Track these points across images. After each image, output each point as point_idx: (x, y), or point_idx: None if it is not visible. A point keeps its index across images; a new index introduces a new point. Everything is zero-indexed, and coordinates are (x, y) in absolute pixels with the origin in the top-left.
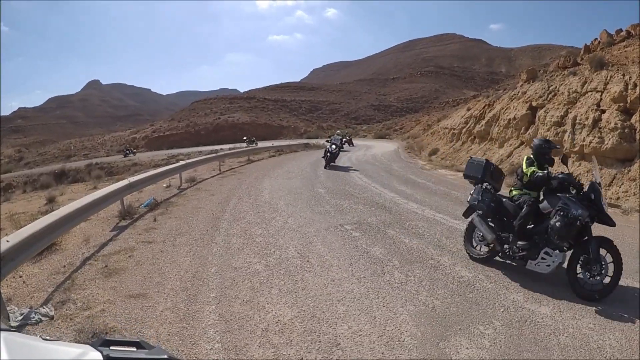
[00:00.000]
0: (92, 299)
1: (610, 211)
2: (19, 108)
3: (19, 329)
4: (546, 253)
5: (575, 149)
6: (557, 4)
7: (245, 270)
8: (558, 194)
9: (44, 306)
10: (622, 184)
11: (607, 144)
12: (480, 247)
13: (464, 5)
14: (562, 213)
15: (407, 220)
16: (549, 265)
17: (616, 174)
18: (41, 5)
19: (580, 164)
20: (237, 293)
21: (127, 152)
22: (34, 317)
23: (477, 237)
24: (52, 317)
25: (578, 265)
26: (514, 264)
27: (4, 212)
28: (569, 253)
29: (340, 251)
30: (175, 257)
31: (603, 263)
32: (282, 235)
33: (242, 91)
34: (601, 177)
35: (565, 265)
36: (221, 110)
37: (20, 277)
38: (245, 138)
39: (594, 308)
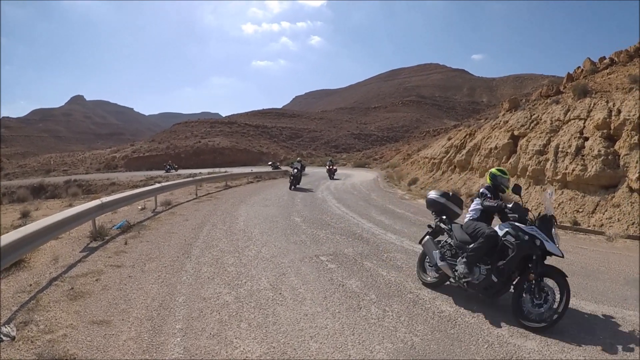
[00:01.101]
0: (55, 322)
1: (594, 238)
2: (3, 117)
3: None
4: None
5: (558, 177)
6: (539, 34)
7: (214, 301)
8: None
9: (6, 325)
10: (606, 210)
11: (590, 171)
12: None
13: (447, 36)
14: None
15: (385, 251)
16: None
17: (599, 201)
18: (31, 13)
19: (562, 192)
20: (204, 325)
21: (169, 167)
22: None
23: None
24: (13, 338)
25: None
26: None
27: None
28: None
29: (315, 284)
30: (143, 283)
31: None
32: (254, 265)
33: (223, 115)
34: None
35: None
36: (202, 134)
37: None
38: (270, 163)
39: (582, 341)
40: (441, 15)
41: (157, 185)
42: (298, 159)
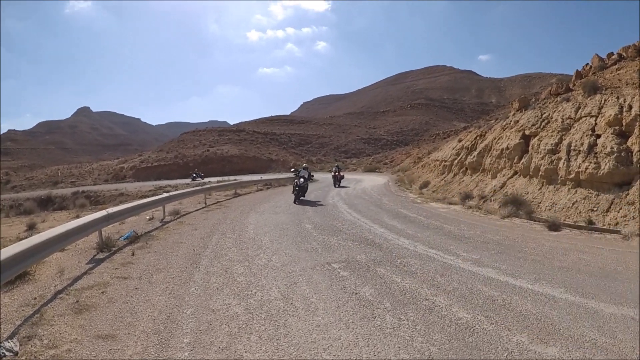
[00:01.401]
0: (59, 337)
1: (609, 237)
2: (9, 130)
3: None
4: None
5: (571, 176)
6: (544, 33)
7: (223, 313)
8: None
9: (9, 340)
10: (620, 208)
11: (604, 168)
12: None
13: (452, 38)
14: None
15: (399, 257)
16: None
17: (613, 199)
18: (31, 26)
19: (576, 191)
20: (213, 339)
21: (195, 175)
22: None
23: None
24: (16, 353)
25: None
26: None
27: None
28: None
29: (327, 292)
30: (150, 295)
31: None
32: (265, 275)
33: (231, 123)
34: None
35: None
36: (210, 142)
37: None
38: (292, 170)
39: (604, 346)
40: (444, 17)
41: (165, 194)
42: (304, 165)
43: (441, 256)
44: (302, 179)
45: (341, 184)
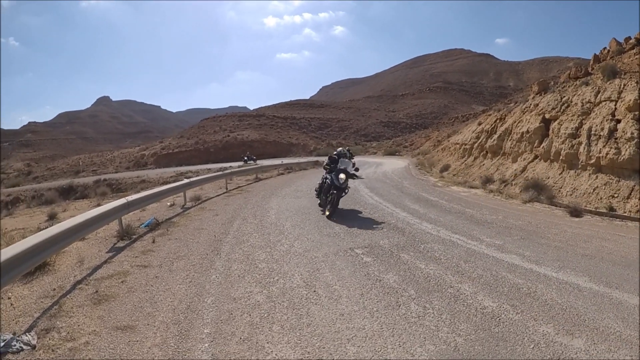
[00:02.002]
0: (78, 329)
1: (631, 225)
2: (29, 122)
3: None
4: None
5: (592, 161)
6: (561, 15)
7: (244, 301)
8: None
9: (27, 333)
10: None
11: (624, 154)
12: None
13: (470, 21)
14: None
15: (422, 242)
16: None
17: (634, 186)
18: (52, 22)
19: (597, 176)
20: (234, 329)
21: (247, 158)
22: (15, 345)
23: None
24: (34, 347)
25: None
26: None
27: (4, 227)
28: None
29: (351, 279)
30: (171, 284)
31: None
32: (287, 261)
33: (251, 109)
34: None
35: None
36: (230, 128)
37: (9, 298)
38: (335, 153)
39: (628, 338)
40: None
41: (186, 180)
42: (347, 148)
43: (464, 241)
44: (341, 175)
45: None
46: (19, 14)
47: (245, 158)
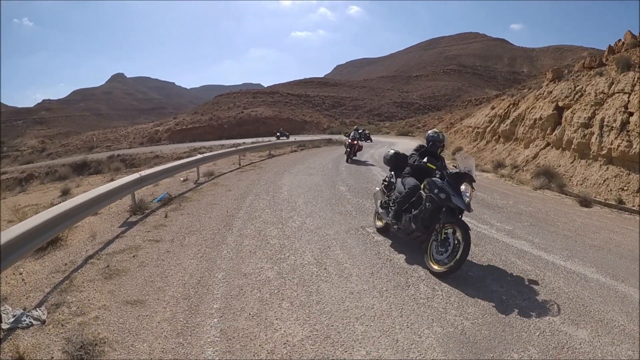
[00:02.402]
0: (88, 304)
1: (638, 218)
2: (43, 100)
3: (10, 331)
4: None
5: (603, 152)
6: (577, 4)
7: (255, 277)
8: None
9: (38, 309)
10: None
11: (636, 147)
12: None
13: (485, 5)
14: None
15: None
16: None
17: None
18: (65, 2)
19: (607, 168)
20: (243, 305)
21: (280, 134)
22: (25, 320)
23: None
24: (43, 322)
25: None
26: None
27: (17, 203)
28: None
29: (361, 258)
30: (182, 259)
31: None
32: (298, 238)
33: (265, 86)
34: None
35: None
36: (244, 105)
37: (20, 274)
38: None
39: (633, 333)
40: None
41: (199, 156)
42: (355, 127)
43: (475, 225)
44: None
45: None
46: None
47: (278, 134)
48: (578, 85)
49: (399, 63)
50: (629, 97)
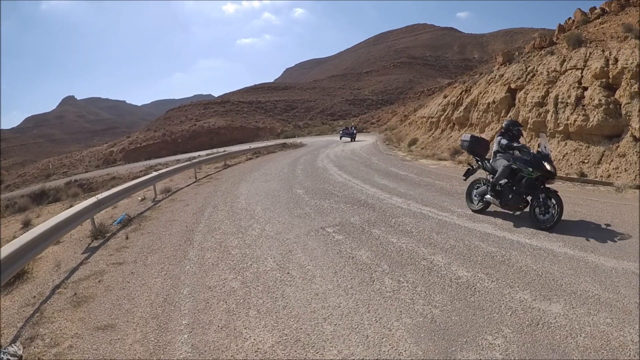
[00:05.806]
0: (60, 334)
1: (602, 189)
2: None
3: None
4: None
5: (560, 129)
6: None
7: (220, 289)
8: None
9: (13, 344)
10: (612, 160)
11: (593, 121)
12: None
13: None
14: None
15: (393, 216)
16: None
17: (604, 151)
18: (14, 26)
19: (566, 143)
20: (211, 318)
21: (347, 131)
22: (2, 358)
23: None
24: (20, 357)
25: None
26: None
27: None
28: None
29: (323, 258)
30: (146, 278)
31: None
32: (259, 245)
33: (216, 96)
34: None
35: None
36: (196, 117)
37: None
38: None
39: (607, 301)
40: None
41: (155, 173)
42: (352, 124)
43: (435, 213)
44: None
45: (327, 149)
46: None
47: (350, 130)
48: (530, 66)
49: (349, 61)
50: (582, 73)
